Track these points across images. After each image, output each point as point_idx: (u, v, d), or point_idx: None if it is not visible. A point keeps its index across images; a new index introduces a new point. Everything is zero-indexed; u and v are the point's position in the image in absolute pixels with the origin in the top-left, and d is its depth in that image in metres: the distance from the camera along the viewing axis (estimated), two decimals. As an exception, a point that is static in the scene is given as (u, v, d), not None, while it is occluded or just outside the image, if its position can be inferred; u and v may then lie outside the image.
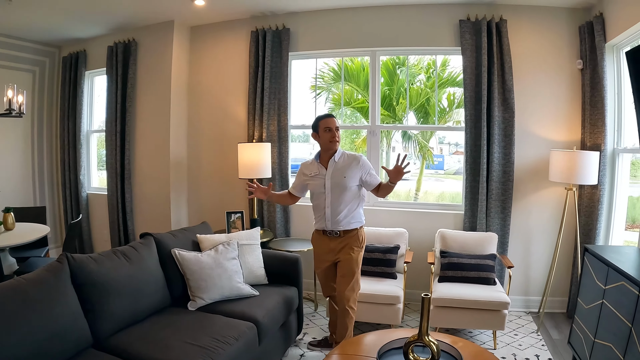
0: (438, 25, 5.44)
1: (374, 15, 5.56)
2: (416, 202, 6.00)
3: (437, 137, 11.90)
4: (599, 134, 4.88)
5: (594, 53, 4.90)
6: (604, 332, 3.39)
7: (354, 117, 9.95)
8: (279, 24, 5.73)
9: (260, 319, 3.55)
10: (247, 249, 4.25)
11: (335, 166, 3.93)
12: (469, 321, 4.43)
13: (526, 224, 5.43)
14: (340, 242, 3.95)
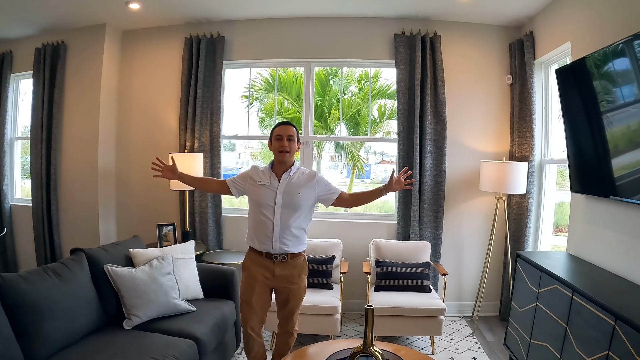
0: (373, 38, 5.56)
1: (309, 26, 5.60)
2: (347, 212, 6.04)
3: (363, 147, 12.10)
4: (527, 146, 5.14)
5: (524, 69, 5.19)
6: (540, 333, 3.59)
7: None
8: (214, 31, 5.65)
9: (199, 336, 3.44)
10: (182, 263, 4.09)
11: (290, 180, 3.45)
12: (407, 328, 4.53)
13: (458, 232, 5.63)
14: (286, 267, 3.45)
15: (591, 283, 3.32)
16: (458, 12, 5.24)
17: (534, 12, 5.07)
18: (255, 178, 3.49)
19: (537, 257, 4.04)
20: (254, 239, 3.48)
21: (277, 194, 3.40)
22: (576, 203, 4.29)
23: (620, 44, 3.15)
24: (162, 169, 3.51)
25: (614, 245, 3.61)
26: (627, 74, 3.19)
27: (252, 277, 3.44)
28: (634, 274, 3.32)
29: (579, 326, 3.03)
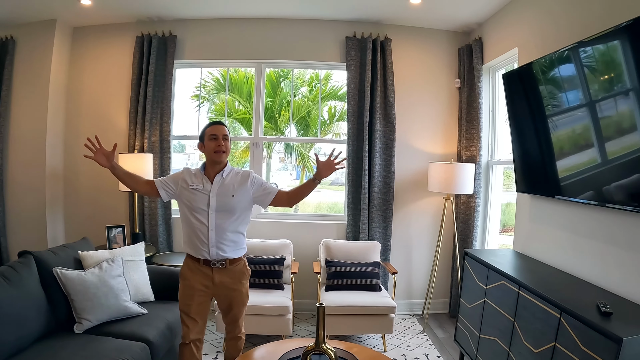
0: (325, 40, 5.62)
1: (261, 27, 5.61)
2: (297, 213, 6.09)
3: (313, 148, 12.14)
4: (474, 148, 5.31)
5: (472, 73, 5.36)
6: (488, 327, 3.72)
7: (232, 128, 9.92)
8: (166, 30, 5.57)
9: (151, 339, 3.39)
10: (132, 265, 4.05)
11: (222, 182, 3.28)
12: (358, 327, 4.59)
13: (407, 232, 5.75)
14: (226, 274, 3.28)
15: (537, 278, 3.47)
16: (409, 16, 5.36)
17: (483, 19, 5.25)
18: (188, 181, 3.28)
19: (484, 254, 4.18)
20: (190, 246, 3.28)
21: (211, 197, 3.21)
22: (522, 202, 4.46)
23: (564, 50, 3.30)
24: (96, 152, 3.21)
25: (558, 242, 3.78)
26: (571, 80, 3.34)
27: (191, 287, 3.25)
28: (577, 268, 3.49)
29: (526, 320, 3.16)
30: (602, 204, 3.03)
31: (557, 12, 3.86)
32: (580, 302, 2.82)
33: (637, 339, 2.28)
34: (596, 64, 3.04)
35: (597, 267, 3.27)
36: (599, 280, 3.24)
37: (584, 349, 2.49)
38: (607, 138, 2.97)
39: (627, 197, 2.82)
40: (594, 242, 3.32)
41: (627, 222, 2.99)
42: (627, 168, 2.80)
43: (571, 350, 2.60)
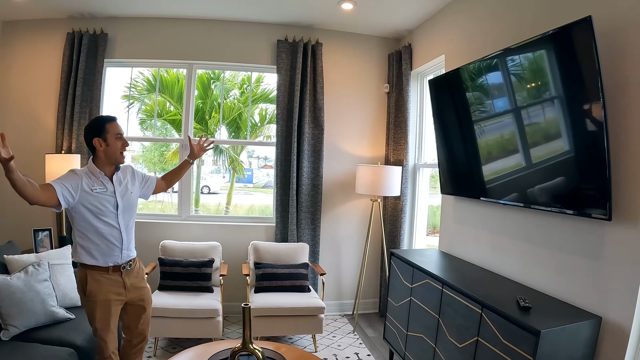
0: (257, 43, 5.62)
1: (193, 27, 5.54)
2: (227, 215, 6.06)
3: (247, 151, 12.09)
4: (401, 151, 5.44)
5: (401, 79, 5.50)
6: (415, 325, 3.83)
7: (164, 130, 9.76)
8: (97, 28, 5.38)
9: (79, 344, 3.32)
10: (59, 269, 3.94)
11: (120, 181, 3.15)
12: (289, 328, 4.61)
13: (336, 233, 5.83)
14: (133, 275, 3.20)
15: (460, 276, 3.60)
16: (341, 22, 5.43)
17: (413, 26, 5.39)
18: (89, 185, 2.96)
19: (410, 254, 4.30)
20: (96, 255, 3.01)
21: (117, 198, 3.07)
22: (447, 204, 4.62)
23: (490, 57, 3.45)
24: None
25: (481, 242, 3.94)
26: (496, 86, 3.49)
27: (105, 302, 3.00)
28: (499, 266, 3.66)
29: (450, 316, 3.28)
30: (527, 206, 3.17)
31: (483, 21, 4.04)
32: (501, 298, 2.96)
33: (554, 331, 2.43)
34: (522, 72, 3.18)
35: (518, 265, 3.44)
36: (520, 276, 3.41)
37: (505, 342, 2.62)
38: (532, 143, 3.11)
39: (550, 198, 2.97)
40: (515, 241, 3.49)
41: (546, 222, 3.17)
42: (551, 171, 2.96)
43: (493, 343, 2.74)
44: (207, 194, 12.59)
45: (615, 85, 2.60)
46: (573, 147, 2.75)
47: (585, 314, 2.70)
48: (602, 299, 2.68)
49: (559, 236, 3.04)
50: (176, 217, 5.65)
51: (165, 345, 4.61)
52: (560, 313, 2.73)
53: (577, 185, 2.76)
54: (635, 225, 2.49)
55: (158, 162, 11.12)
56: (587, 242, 2.81)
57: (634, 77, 2.51)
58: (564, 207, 2.85)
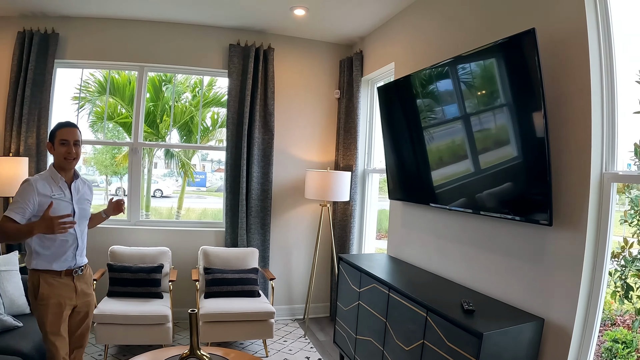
0: (209, 46, 5.57)
1: (145, 29, 5.44)
2: (180, 220, 6.01)
3: (200, 154, 11.98)
4: (351, 156, 5.50)
5: (351, 85, 5.56)
6: (364, 328, 3.88)
7: (116, 132, 9.57)
8: (49, 27, 5.21)
9: (27, 352, 3.25)
10: (6, 276, 3.82)
11: (79, 189, 3.17)
12: (239, 333, 4.60)
13: (286, 238, 5.84)
14: (83, 281, 3.20)
15: (406, 280, 3.67)
16: (293, 27, 5.45)
17: (365, 34, 5.46)
18: (46, 192, 2.96)
19: (358, 259, 4.36)
20: (51, 259, 3.01)
21: (74, 205, 3.10)
22: (395, 209, 4.70)
23: (439, 66, 3.52)
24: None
25: (428, 246, 4.03)
26: (445, 93, 3.57)
27: (58, 304, 3.00)
28: (445, 270, 3.76)
29: (397, 320, 3.35)
30: (475, 212, 3.26)
31: (431, 31, 4.13)
32: (446, 302, 3.03)
33: (497, 333, 2.52)
34: (471, 79, 3.26)
35: (464, 269, 3.54)
36: (465, 280, 3.50)
37: (450, 345, 2.69)
38: (481, 150, 3.19)
39: (496, 204, 3.06)
40: (461, 245, 3.59)
41: (492, 227, 3.28)
42: (497, 178, 3.06)
43: (438, 346, 2.80)
44: (159, 197, 12.41)
45: (557, 97, 2.72)
46: (518, 154, 2.84)
47: (528, 316, 2.81)
48: (544, 301, 2.79)
49: (504, 241, 3.14)
50: (126, 222, 5.54)
51: (115, 352, 4.53)
52: (504, 315, 2.82)
53: (521, 191, 2.87)
54: (574, 230, 2.61)
55: (109, 165, 10.92)
56: (530, 246, 2.92)
57: (574, 89, 2.64)
58: (509, 213, 2.95)
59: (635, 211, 3.40)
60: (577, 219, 2.61)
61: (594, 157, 2.57)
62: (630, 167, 2.92)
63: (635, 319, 3.58)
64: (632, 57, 2.69)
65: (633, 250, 3.47)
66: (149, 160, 9.96)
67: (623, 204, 3.47)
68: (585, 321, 2.63)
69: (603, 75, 2.59)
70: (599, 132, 2.58)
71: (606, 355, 3.66)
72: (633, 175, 2.59)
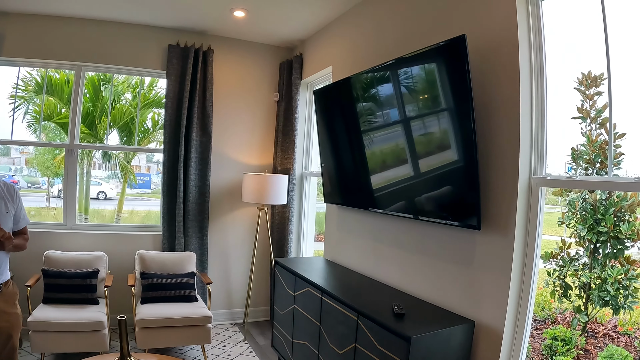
0: (147, 46, 5.46)
1: (84, 28, 5.26)
2: (117, 224, 5.88)
3: (145, 156, 11.73)
4: (289, 159, 5.50)
5: (290, 88, 5.56)
6: (299, 332, 3.89)
7: (58, 132, 9.24)
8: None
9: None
10: None
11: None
12: (176, 339, 4.52)
13: (224, 242, 5.80)
14: (3, 299, 2.92)
15: (340, 284, 3.71)
16: (234, 29, 5.41)
17: (305, 37, 5.47)
18: None
19: (294, 263, 4.38)
20: None
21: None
22: (331, 213, 4.73)
23: (375, 70, 3.55)
24: None
25: (364, 250, 4.07)
26: (381, 96, 3.61)
27: None
28: (380, 273, 3.81)
29: (330, 324, 3.37)
30: (415, 217, 3.27)
31: (368, 36, 4.18)
32: (377, 305, 3.07)
33: (425, 336, 2.56)
34: (410, 84, 3.27)
35: (397, 272, 3.59)
36: (399, 283, 3.56)
37: (380, 348, 2.72)
38: (421, 154, 3.20)
39: (434, 208, 3.09)
40: (395, 249, 3.64)
41: (424, 230, 3.35)
42: (430, 183, 3.10)
43: (370, 350, 2.83)
44: (103, 200, 12.11)
45: (488, 102, 2.79)
46: (451, 159, 2.89)
47: (459, 318, 2.87)
48: (475, 303, 2.85)
49: (436, 244, 3.21)
50: (62, 226, 5.38)
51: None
52: (434, 319, 2.87)
53: (454, 196, 2.91)
54: (503, 234, 2.69)
55: (50, 167, 10.58)
56: (461, 250, 2.99)
57: (504, 96, 2.71)
58: (440, 217, 3.00)
59: (572, 213, 3.53)
60: (505, 223, 2.68)
61: (523, 162, 2.64)
62: (570, 170, 3.04)
63: (574, 317, 3.70)
64: (570, 64, 2.79)
65: (571, 251, 3.61)
66: (87, 162, 9.68)
67: (562, 205, 3.61)
68: (516, 322, 2.70)
69: (533, 82, 2.67)
70: (527, 138, 2.66)
71: (546, 353, 3.78)
72: (560, 180, 2.67)
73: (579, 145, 3.30)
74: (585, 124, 3.27)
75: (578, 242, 3.56)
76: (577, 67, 2.94)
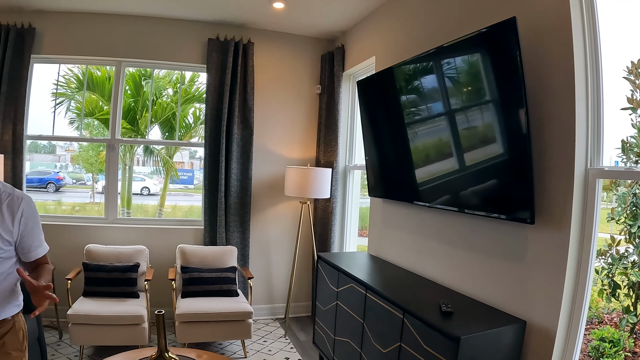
0: (186, 41, 5.46)
1: (123, 24, 5.30)
2: (159, 218, 5.92)
3: (188, 152, 11.78)
4: (332, 152, 5.41)
5: (332, 80, 5.46)
6: (342, 329, 3.79)
7: (101, 129, 9.36)
8: (25, 21, 5.06)
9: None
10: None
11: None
12: (216, 334, 4.50)
13: (265, 236, 5.74)
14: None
15: (385, 280, 3.59)
16: (273, 21, 5.35)
17: (346, 28, 5.36)
18: None
19: (337, 258, 4.27)
20: None
21: None
22: (375, 207, 4.61)
23: (418, 58, 3.42)
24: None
25: (409, 245, 3.94)
26: (426, 86, 3.48)
27: None
28: (425, 269, 3.67)
29: (374, 321, 3.26)
30: (461, 210, 3.14)
31: (411, 24, 4.04)
32: (423, 303, 2.95)
33: (474, 336, 2.41)
34: (455, 74, 3.14)
35: (444, 268, 3.45)
36: (446, 280, 3.41)
37: (427, 348, 2.59)
38: (466, 146, 3.07)
39: (478, 202, 2.96)
40: (442, 244, 3.50)
41: (473, 225, 3.18)
42: (481, 175, 2.95)
43: (415, 349, 2.70)
44: (147, 195, 12.25)
45: (541, 90, 2.62)
46: (501, 151, 2.75)
47: (509, 318, 2.71)
48: (526, 302, 2.69)
49: (485, 239, 3.05)
50: (103, 220, 5.42)
51: (91, 353, 4.43)
52: (484, 318, 2.73)
53: (505, 189, 2.77)
54: (557, 228, 2.52)
55: (95, 163, 10.73)
56: (511, 245, 2.83)
57: (558, 83, 2.54)
58: (491, 211, 2.86)
59: (622, 208, 3.34)
60: (560, 217, 2.51)
61: (579, 153, 2.46)
62: (618, 164, 2.85)
63: (622, 317, 3.52)
64: (619, 53, 2.61)
65: (620, 248, 3.42)
66: (129, 158, 9.77)
67: (610, 201, 3.41)
68: (570, 322, 2.53)
69: (588, 67, 2.49)
70: (583, 127, 2.48)
71: (593, 354, 3.60)
72: (619, 171, 2.52)
73: (629, 137, 3.12)
74: (636, 115, 3.09)
75: (628, 239, 3.37)
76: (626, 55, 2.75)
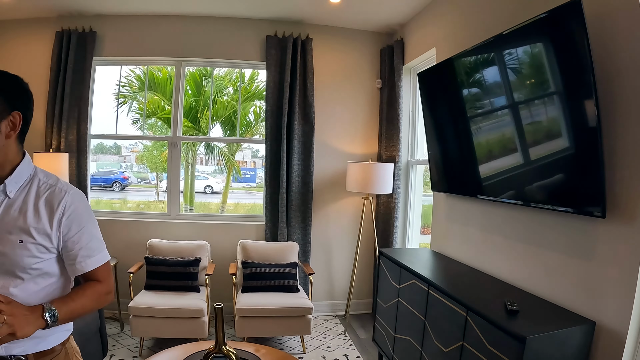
0: (245, 39, 5.50)
1: (182, 24, 5.42)
2: (220, 214, 6.00)
3: (251, 150, 11.91)
4: (394, 147, 5.33)
5: (393, 74, 5.38)
6: (402, 327, 3.71)
7: (164, 129, 9.59)
8: (86, 26, 5.28)
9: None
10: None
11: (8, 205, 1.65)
12: (276, 329, 4.52)
13: (326, 232, 5.72)
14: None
15: (448, 277, 3.49)
16: (331, 16, 5.31)
17: (405, 20, 5.27)
18: None
19: (399, 254, 4.18)
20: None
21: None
22: (438, 202, 4.49)
23: (479, 47, 3.30)
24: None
25: (473, 241, 3.81)
26: (489, 77, 3.34)
27: None
28: (490, 266, 3.53)
29: (436, 319, 3.16)
30: (526, 204, 3.00)
31: (472, 12, 3.90)
32: (487, 300, 2.83)
33: (542, 337, 2.29)
34: (514, 62, 3.02)
35: (509, 265, 3.30)
36: (511, 277, 3.27)
37: (490, 348, 2.48)
38: (530, 140, 2.94)
39: (546, 196, 2.81)
40: (506, 240, 3.35)
41: (538, 220, 3.02)
42: (548, 169, 2.80)
43: (478, 349, 2.60)
44: (210, 193, 12.47)
45: (607, 77, 2.43)
46: (568, 143, 2.59)
47: (577, 318, 2.55)
48: (596, 302, 2.51)
49: (552, 234, 2.88)
50: (166, 216, 5.55)
51: (151, 345, 4.54)
52: (551, 317, 2.58)
53: (573, 182, 2.60)
54: (630, 223, 2.32)
55: (159, 162, 11.01)
56: (580, 241, 2.65)
57: (626, 68, 2.35)
58: (559, 204, 2.69)
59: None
60: (634, 210, 2.31)
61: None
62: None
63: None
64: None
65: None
66: (192, 156, 9.95)
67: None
68: (641, 326, 2.36)
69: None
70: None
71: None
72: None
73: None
74: None
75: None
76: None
